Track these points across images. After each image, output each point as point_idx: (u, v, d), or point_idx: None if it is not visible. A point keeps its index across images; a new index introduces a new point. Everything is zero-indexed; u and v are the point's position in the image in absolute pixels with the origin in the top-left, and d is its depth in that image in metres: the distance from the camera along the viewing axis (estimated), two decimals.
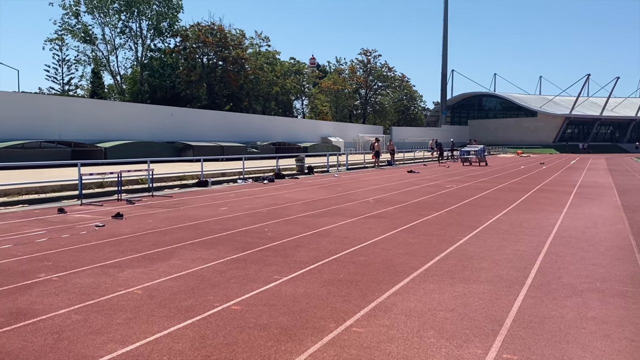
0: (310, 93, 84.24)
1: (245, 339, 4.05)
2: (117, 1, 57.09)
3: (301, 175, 24.45)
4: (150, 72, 59.76)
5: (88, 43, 58.46)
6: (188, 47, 59.48)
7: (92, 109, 35.98)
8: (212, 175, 20.76)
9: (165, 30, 60.74)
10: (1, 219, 10.50)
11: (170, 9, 59.97)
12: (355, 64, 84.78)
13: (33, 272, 6.10)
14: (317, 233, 8.77)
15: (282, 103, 73.64)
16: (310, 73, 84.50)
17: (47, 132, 30.70)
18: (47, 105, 33.25)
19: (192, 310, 4.74)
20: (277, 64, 69.85)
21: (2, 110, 29.09)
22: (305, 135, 55.73)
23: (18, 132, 29.10)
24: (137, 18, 58.97)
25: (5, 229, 9.30)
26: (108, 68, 61.66)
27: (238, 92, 61.49)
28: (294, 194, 15.69)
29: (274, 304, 4.93)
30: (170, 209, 12.19)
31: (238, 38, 62.42)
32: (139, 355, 3.74)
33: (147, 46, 60.62)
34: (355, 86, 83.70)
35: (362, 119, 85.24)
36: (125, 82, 63.04)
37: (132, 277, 5.91)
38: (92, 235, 8.59)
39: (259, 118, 54.39)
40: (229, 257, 6.91)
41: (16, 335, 4.12)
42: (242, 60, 60.73)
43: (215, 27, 59.60)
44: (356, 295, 5.23)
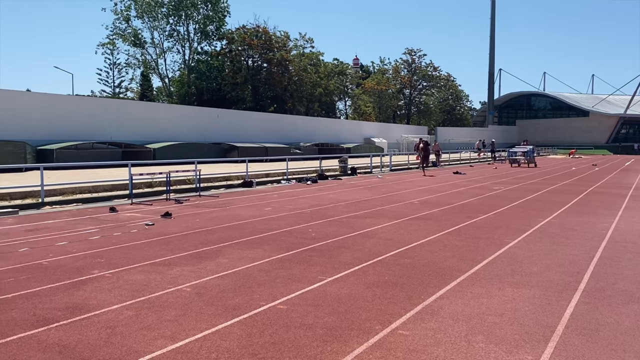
0: (353, 94, 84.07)
1: (291, 339, 4.07)
2: (165, 5, 58.64)
3: (344, 176, 24.44)
4: (197, 75, 61.06)
5: (138, 47, 60.29)
6: (234, 49, 60.44)
7: (141, 111, 37.11)
8: (257, 176, 21.03)
9: (212, 34, 61.93)
10: (57, 217, 10.96)
11: (217, 13, 61.11)
12: (400, 64, 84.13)
13: (87, 269, 6.34)
14: (361, 234, 8.74)
15: (325, 104, 73.81)
16: (353, 74, 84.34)
17: (99, 133, 31.84)
18: (99, 107, 34.52)
19: (239, 308, 4.81)
20: (320, 65, 70.06)
21: (57, 113, 30.37)
22: (348, 136, 55.66)
23: (72, 133, 30.30)
24: (185, 22, 60.40)
25: (61, 226, 9.70)
26: (157, 71, 63.41)
27: (282, 93, 62.03)
28: (338, 194, 15.69)
29: (319, 304, 4.94)
30: (216, 208, 12.42)
31: (282, 40, 62.99)
32: (188, 351, 3.83)
33: (194, 49, 61.99)
34: (399, 86, 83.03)
35: (406, 119, 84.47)
36: (173, 84, 64.64)
37: (180, 274, 6.05)
38: (142, 234, 8.84)
39: (302, 119, 54.70)
40: (274, 257, 6.97)
41: (73, 329, 4.29)
42: (286, 62, 61.24)
43: (260, 30, 60.34)
44: (402, 297, 5.18)
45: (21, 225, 9.82)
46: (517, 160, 35.51)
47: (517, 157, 35.78)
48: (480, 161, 43.40)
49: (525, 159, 35.02)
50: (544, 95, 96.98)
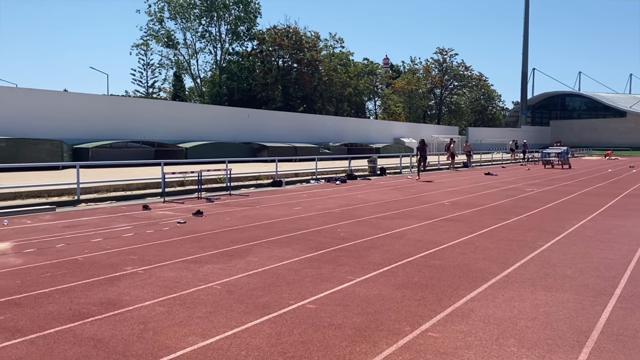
0: (383, 94, 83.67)
1: (320, 338, 4.08)
2: (198, 7, 59.49)
3: (373, 177, 24.35)
4: (228, 75, 61.75)
5: (171, 47, 61.36)
6: (264, 50, 60.89)
7: (173, 111, 37.71)
8: (286, 176, 21.13)
9: (243, 34, 62.56)
10: (92, 214, 11.24)
11: (249, 14, 61.69)
12: (430, 64, 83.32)
13: (121, 265, 6.48)
14: (390, 235, 8.69)
15: (354, 104, 73.65)
16: (383, 73, 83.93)
17: (132, 132, 32.50)
18: (133, 107, 35.27)
19: (268, 306, 4.85)
20: (350, 65, 69.98)
21: (93, 112, 31.13)
22: (377, 136, 55.43)
23: (107, 132, 31.01)
24: (217, 23, 61.18)
25: (96, 223, 9.95)
26: (189, 71, 64.42)
27: (312, 93, 62.20)
28: (367, 195, 15.64)
29: (348, 304, 4.94)
30: (246, 207, 12.54)
31: (313, 40, 63.16)
32: (218, 348, 3.88)
33: (225, 50, 62.73)
34: (429, 86, 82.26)
35: (437, 119, 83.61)
36: (205, 85, 65.53)
37: (211, 272, 6.13)
38: (174, 232, 9.00)
39: (331, 119, 54.71)
40: (303, 256, 7.00)
41: (107, 324, 4.40)
42: (316, 62, 61.39)
43: (290, 30, 60.64)
44: (432, 299, 5.13)
45: (58, 222, 10.11)
46: (551, 162, 34.75)
47: (551, 158, 35.01)
48: (512, 162, 42.63)
49: (559, 160, 34.25)
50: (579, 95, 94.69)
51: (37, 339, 4.06)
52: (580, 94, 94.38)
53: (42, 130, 27.41)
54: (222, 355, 3.76)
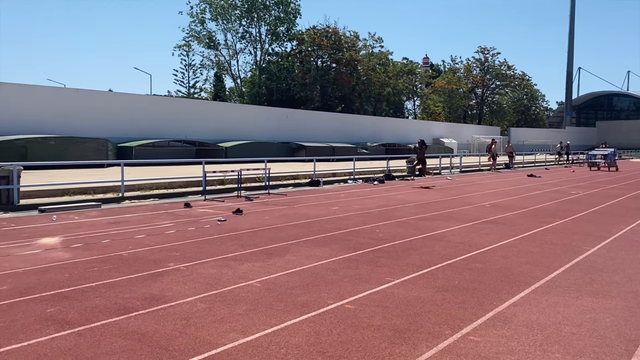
0: (422, 93, 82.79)
1: (359, 339, 4.07)
2: (239, 8, 60.29)
3: (412, 177, 24.10)
4: (267, 76, 62.36)
5: (212, 48, 62.43)
6: (304, 50, 61.19)
7: (214, 111, 38.40)
8: (324, 175, 21.18)
9: (282, 35, 63.06)
10: (136, 211, 11.55)
11: (288, 14, 62.13)
12: (472, 63, 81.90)
13: (163, 261, 6.63)
14: (429, 237, 8.59)
15: (393, 104, 73.16)
16: (423, 73, 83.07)
17: (174, 132, 33.23)
18: (175, 107, 36.06)
19: (307, 305, 4.87)
20: (389, 65, 69.59)
21: (137, 112, 31.98)
22: (416, 136, 54.76)
23: (150, 131, 31.82)
24: (257, 24, 61.86)
25: (139, 220, 10.21)
26: (229, 72, 65.39)
27: (350, 93, 62.12)
28: (405, 195, 15.51)
29: (387, 305, 4.91)
30: (285, 206, 12.62)
31: (352, 40, 63.09)
32: (258, 346, 3.92)
33: (265, 50, 63.36)
34: (470, 85, 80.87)
35: (478, 119, 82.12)
36: (245, 85, 66.36)
37: (251, 270, 6.21)
38: (215, 229, 9.14)
39: (369, 119, 54.54)
40: (342, 256, 7.00)
41: (150, 318, 4.51)
42: (355, 61, 61.29)
43: (330, 30, 60.73)
44: (473, 303, 5.05)
45: (103, 218, 10.43)
46: (597, 164, 33.62)
47: (597, 160, 33.87)
48: (556, 164, 41.46)
49: (605, 162, 33.10)
50: (627, 95, 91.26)
51: (84, 331, 4.20)
52: (629, 93, 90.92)
53: (89, 129, 28.35)
54: (262, 352, 3.80)
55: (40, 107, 27.53)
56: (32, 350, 3.80)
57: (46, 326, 4.29)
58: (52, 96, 29.00)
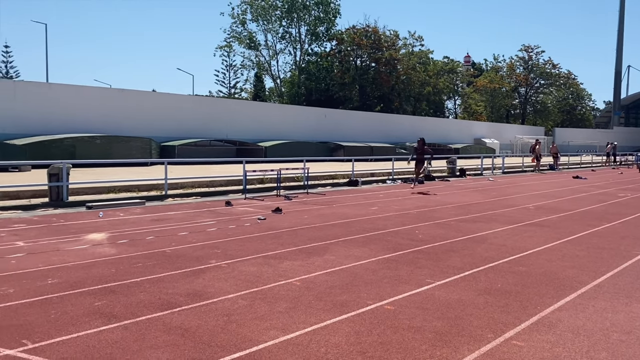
0: (463, 92, 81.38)
1: (399, 340, 4.05)
2: (279, 8, 60.76)
3: (452, 178, 23.78)
4: (307, 76, 62.58)
5: (252, 49, 63.09)
6: (343, 50, 61.12)
7: (254, 111, 38.81)
8: (362, 175, 21.12)
9: (322, 35, 63.17)
10: (178, 209, 11.80)
11: (328, 14, 62.21)
12: (515, 61, 79.91)
13: (205, 258, 6.76)
14: (470, 239, 8.45)
15: (433, 103, 72.19)
16: (464, 72, 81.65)
17: (215, 131, 33.75)
18: (216, 107, 36.69)
19: (346, 305, 4.87)
20: (429, 64, 68.67)
21: (179, 111, 32.67)
22: (457, 136, 54.04)
23: (192, 131, 32.41)
24: (297, 24, 62.18)
25: (181, 218, 10.43)
26: (269, 72, 65.95)
27: (389, 93, 61.69)
28: (445, 196, 15.30)
29: (427, 307, 4.86)
30: (323, 206, 12.66)
31: (391, 39, 62.62)
32: (298, 344, 3.95)
33: (304, 50, 63.60)
34: (514, 84, 78.94)
35: (521, 119, 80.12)
36: (284, 85, 66.81)
37: (290, 268, 6.25)
38: (255, 228, 9.25)
39: (408, 119, 54.00)
40: (381, 257, 6.96)
41: (193, 314, 4.60)
42: (394, 61, 60.79)
43: (369, 30, 60.47)
44: (516, 306, 4.94)
45: (148, 215, 10.71)
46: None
47: None
48: (605, 165, 40.05)
49: None
50: None
51: (130, 325, 4.33)
52: None
53: (133, 128, 29.12)
54: (302, 350, 3.82)
55: (88, 107, 28.42)
56: (81, 342, 3.94)
57: (94, 319, 4.44)
58: (99, 96, 29.92)
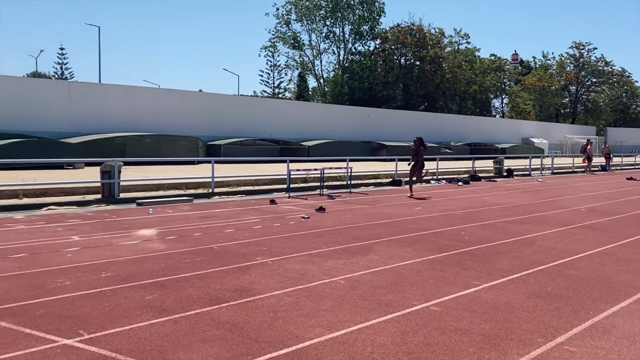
0: (511, 91, 79.41)
1: (445, 342, 4.01)
2: (323, 8, 60.94)
3: (499, 178, 23.25)
4: (350, 75, 62.54)
5: (296, 49, 63.55)
6: (387, 48, 60.75)
7: (297, 110, 39.15)
8: (405, 175, 20.90)
9: (366, 34, 62.98)
10: (225, 207, 12.03)
11: (372, 13, 61.97)
12: (565, 59, 77.38)
13: (251, 255, 6.87)
14: (519, 241, 8.26)
15: (479, 102, 70.79)
16: (512, 70, 79.65)
17: (260, 131, 34.20)
18: (261, 106, 37.18)
19: (391, 305, 4.85)
20: (476, 62, 67.39)
21: (225, 111, 33.27)
22: (503, 135, 52.81)
23: (237, 130, 32.96)
24: (341, 23, 62.22)
25: (227, 215, 10.63)
26: (313, 72, 66.26)
27: (434, 91, 60.87)
28: (492, 197, 14.99)
29: (475, 309, 4.79)
30: (366, 205, 12.63)
31: (437, 37, 61.81)
32: (344, 342, 3.97)
33: (348, 50, 63.57)
34: (563, 83, 76.46)
35: (571, 118, 77.54)
36: (327, 84, 66.97)
37: (334, 267, 6.28)
38: (299, 226, 9.33)
39: (453, 117, 53.19)
40: (425, 258, 6.90)
41: (240, 310, 4.69)
42: (439, 59, 59.97)
43: (414, 28, 59.87)
44: (567, 311, 4.80)
45: (195, 212, 10.96)
46: None
47: None
48: None
49: None
50: None
51: (180, 319, 4.45)
52: None
53: (180, 127, 29.84)
54: (348, 349, 3.84)
55: (137, 106, 29.34)
56: (133, 334, 4.08)
57: (145, 312, 4.59)
58: (148, 96, 30.85)
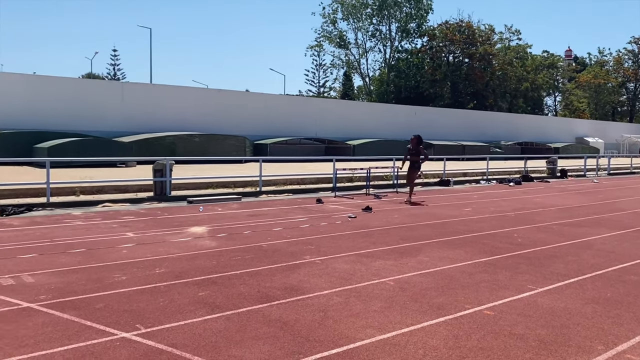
0: (564, 88, 76.74)
1: (500, 346, 3.91)
2: (370, 6, 60.63)
3: (552, 179, 22.52)
4: (396, 73, 61.97)
5: (342, 48, 63.51)
6: (434, 46, 59.87)
7: (342, 109, 39.05)
8: (453, 175, 20.58)
9: (413, 31, 62.26)
10: (272, 205, 12.15)
11: (420, 10, 61.19)
12: (623, 55, 74.11)
13: (300, 254, 6.91)
14: (575, 244, 7.96)
15: (531, 100, 68.71)
16: (565, 66, 76.96)
17: (305, 130, 34.36)
18: (306, 106, 37.37)
19: (443, 308, 4.77)
20: (527, 58, 65.48)
21: (271, 110, 33.61)
22: (556, 134, 51.05)
23: (283, 129, 33.22)
24: (387, 21, 61.73)
25: (275, 214, 10.73)
26: (358, 70, 66.09)
27: (483, 89, 59.52)
28: (545, 198, 14.52)
29: (530, 314, 4.64)
30: (413, 205, 12.48)
31: (486, 34, 60.41)
32: (395, 344, 3.93)
33: (395, 48, 63.02)
34: (621, 80, 73.26)
35: (629, 117, 74.20)
36: (373, 83, 66.62)
37: (383, 268, 6.23)
38: (346, 225, 9.32)
39: (503, 116, 51.83)
40: (477, 260, 6.75)
41: (291, 308, 4.72)
42: (489, 56, 58.58)
43: (463, 24, 58.72)
44: (629, 318, 4.59)
45: (244, 211, 11.12)
46: None
47: None
48: None
49: None
50: None
51: (232, 315, 4.52)
52: None
53: (228, 126, 30.33)
54: (400, 351, 3.79)
55: (187, 106, 30.03)
56: (188, 329, 4.17)
57: (199, 308, 4.69)
58: (197, 96, 31.51)
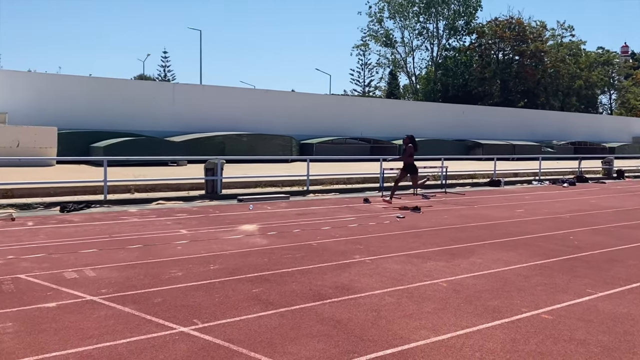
0: (620, 86, 73.59)
1: (560, 351, 3.80)
2: (417, 4, 59.92)
3: (608, 180, 21.66)
4: (443, 71, 61.01)
5: (388, 47, 63.04)
6: (483, 43, 58.60)
7: (388, 108, 38.78)
8: (504, 175, 20.11)
9: (461, 29, 61.16)
10: (320, 204, 12.21)
11: (468, 7, 60.03)
12: None
13: (349, 253, 6.92)
14: (636, 248, 7.64)
15: (585, 98, 66.23)
16: (621, 63, 73.78)
17: (350, 129, 34.32)
18: (352, 105, 37.35)
19: (498, 311, 4.68)
20: (581, 55, 63.14)
21: (317, 110, 33.77)
22: (611, 134, 49.06)
23: (328, 129, 33.30)
24: (435, 19, 60.86)
25: (323, 213, 10.78)
26: (404, 69, 65.42)
27: (534, 87, 57.82)
28: (602, 200, 13.99)
29: (590, 319, 4.49)
30: (463, 206, 12.28)
31: (538, 30, 58.63)
32: (451, 346, 3.88)
33: (442, 46, 62.06)
34: None
35: None
36: (420, 82, 65.81)
37: (435, 269, 6.16)
38: (395, 226, 9.26)
39: (555, 115, 50.20)
40: (532, 263, 6.58)
41: (343, 307, 4.74)
42: (541, 53, 56.86)
43: (513, 21, 57.22)
44: None
45: (292, 209, 11.23)
46: None
47: None
48: None
49: None
50: None
51: (285, 312, 4.58)
52: None
53: (275, 126, 30.68)
54: (456, 353, 3.75)
55: (235, 106, 30.56)
56: (243, 325, 4.26)
57: (253, 304, 4.77)
58: (245, 97, 32.02)
